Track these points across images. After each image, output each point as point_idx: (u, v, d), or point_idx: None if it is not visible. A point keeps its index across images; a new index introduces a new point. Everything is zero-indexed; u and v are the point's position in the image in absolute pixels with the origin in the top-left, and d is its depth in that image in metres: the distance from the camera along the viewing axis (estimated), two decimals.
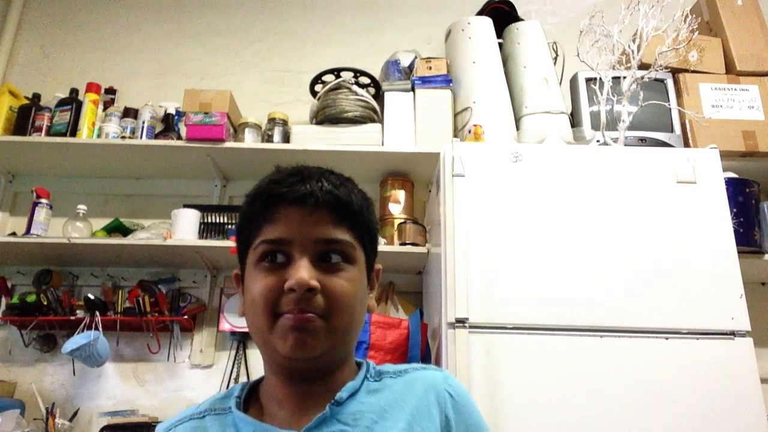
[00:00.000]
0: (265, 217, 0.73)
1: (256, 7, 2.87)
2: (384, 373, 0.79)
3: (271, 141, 2.32)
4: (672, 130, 2.18)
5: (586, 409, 1.45)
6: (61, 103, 2.35)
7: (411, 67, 2.43)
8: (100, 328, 2.02)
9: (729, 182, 1.89)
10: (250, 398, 0.79)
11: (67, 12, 2.85)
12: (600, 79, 1.98)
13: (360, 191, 0.79)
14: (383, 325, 1.77)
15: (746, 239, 1.95)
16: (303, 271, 0.69)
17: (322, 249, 0.72)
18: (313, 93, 2.40)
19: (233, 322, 2.19)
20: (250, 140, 2.30)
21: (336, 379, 0.75)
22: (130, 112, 2.36)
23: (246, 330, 2.18)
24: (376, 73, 2.44)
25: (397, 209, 2.26)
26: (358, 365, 0.80)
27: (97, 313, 2.05)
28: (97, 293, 2.15)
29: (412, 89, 2.34)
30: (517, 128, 2.24)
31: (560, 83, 2.39)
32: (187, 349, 2.23)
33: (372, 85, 2.40)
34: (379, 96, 2.39)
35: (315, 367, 0.73)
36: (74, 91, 2.41)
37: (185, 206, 2.18)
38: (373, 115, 2.31)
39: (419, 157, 2.21)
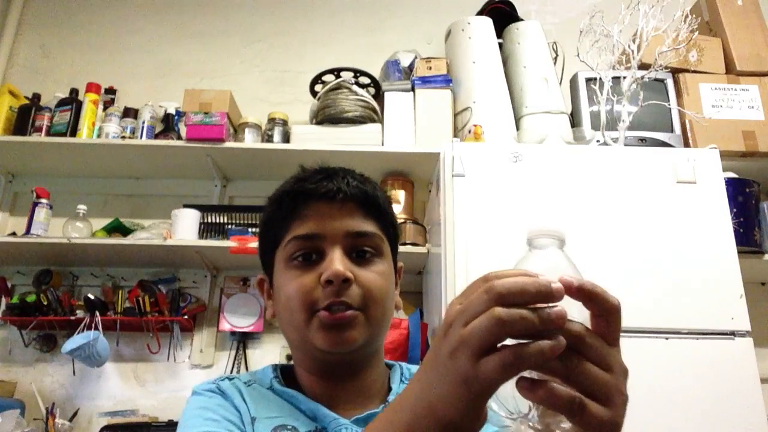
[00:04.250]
0: (293, 215, 0.74)
1: (256, 7, 2.87)
2: None
3: (271, 141, 2.32)
4: (672, 130, 2.18)
5: None
6: (61, 103, 2.35)
7: (411, 67, 2.43)
8: (100, 328, 2.02)
9: (729, 182, 1.89)
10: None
11: (67, 12, 2.85)
12: (600, 79, 1.98)
13: (381, 189, 0.81)
14: None
15: (746, 239, 1.95)
16: (338, 263, 0.70)
17: (353, 242, 0.73)
18: (313, 93, 2.40)
19: (233, 322, 2.19)
20: (250, 140, 2.30)
21: (367, 377, 0.76)
22: (130, 112, 2.36)
23: (246, 330, 2.18)
24: (376, 73, 2.44)
25: (397, 209, 2.26)
26: (388, 367, 0.81)
27: (97, 313, 2.05)
28: (97, 293, 2.15)
29: (412, 89, 2.34)
30: (517, 128, 2.23)
31: (560, 83, 2.39)
32: (187, 349, 2.23)
33: (372, 85, 2.40)
34: (379, 96, 2.39)
35: (350, 361, 0.74)
36: (74, 91, 2.41)
37: (185, 206, 2.18)
38: (373, 115, 2.31)
39: (419, 157, 2.21)
